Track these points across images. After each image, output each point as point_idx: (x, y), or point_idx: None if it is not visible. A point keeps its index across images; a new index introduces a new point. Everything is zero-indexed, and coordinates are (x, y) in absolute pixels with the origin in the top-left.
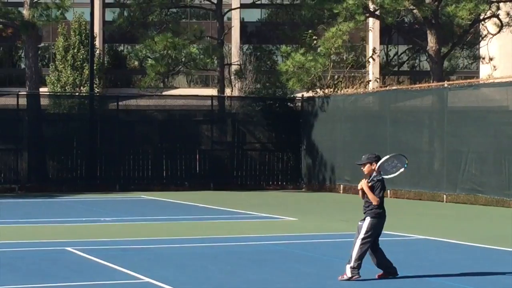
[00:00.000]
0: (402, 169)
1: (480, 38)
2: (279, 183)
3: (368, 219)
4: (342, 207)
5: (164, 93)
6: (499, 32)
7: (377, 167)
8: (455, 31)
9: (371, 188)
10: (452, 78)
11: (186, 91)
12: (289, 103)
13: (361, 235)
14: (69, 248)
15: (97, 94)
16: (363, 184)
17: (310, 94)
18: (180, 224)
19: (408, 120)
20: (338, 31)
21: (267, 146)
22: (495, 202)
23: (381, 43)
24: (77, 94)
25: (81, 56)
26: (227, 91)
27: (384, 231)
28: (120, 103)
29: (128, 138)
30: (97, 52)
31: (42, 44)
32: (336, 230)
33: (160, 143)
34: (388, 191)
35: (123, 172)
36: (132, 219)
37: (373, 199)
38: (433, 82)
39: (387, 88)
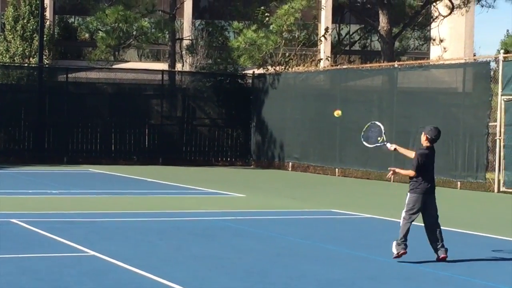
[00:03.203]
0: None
1: (431, 19)
2: (228, 159)
3: (408, 195)
4: (290, 185)
5: (114, 66)
6: (450, 14)
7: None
8: (406, 12)
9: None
10: (402, 58)
11: (136, 65)
12: (239, 80)
13: (403, 210)
14: (14, 220)
15: (47, 65)
16: (397, 170)
17: (261, 71)
18: (128, 198)
19: (358, 99)
20: (290, 9)
21: (217, 122)
22: (442, 182)
23: (333, 22)
24: (26, 65)
25: (31, 27)
26: (178, 66)
27: (332, 209)
28: (69, 75)
29: (77, 111)
30: (47, 23)
31: None
32: (284, 207)
33: (109, 117)
34: (336, 169)
35: (71, 144)
36: (79, 192)
37: (407, 173)
38: (383, 62)
39: (338, 67)
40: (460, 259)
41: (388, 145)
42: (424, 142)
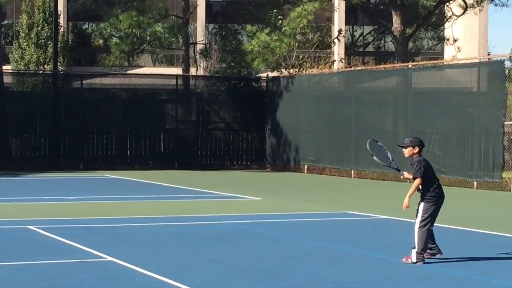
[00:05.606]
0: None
1: (445, 19)
2: (244, 162)
3: (421, 204)
4: (306, 187)
5: (128, 71)
6: (463, 13)
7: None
8: (420, 12)
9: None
10: (416, 59)
11: (151, 70)
12: (254, 83)
13: (418, 219)
14: (31, 227)
15: (61, 72)
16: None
17: (275, 74)
18: (144, 203)
19: (372, 100)
20: (303, 11)
21: (232, 126)
22: (458, 182)
23: (346, 23)
24: (40, 72)
25: (45, 34)
26: (192, 71)
27: (348, 211)
28: (84, 81)
29: (92, 117)
30: (61, 30)
31: (5, 22)
32: (299, 210)
33: (124, 122)
34: (352, 171)
35: (87, 150)
36: (95, 198)
37: (413, 179)
38: (397, 63)
39: (352, 68)
40: (477, 259)
41: (405, 174)
42: (416, 153)
